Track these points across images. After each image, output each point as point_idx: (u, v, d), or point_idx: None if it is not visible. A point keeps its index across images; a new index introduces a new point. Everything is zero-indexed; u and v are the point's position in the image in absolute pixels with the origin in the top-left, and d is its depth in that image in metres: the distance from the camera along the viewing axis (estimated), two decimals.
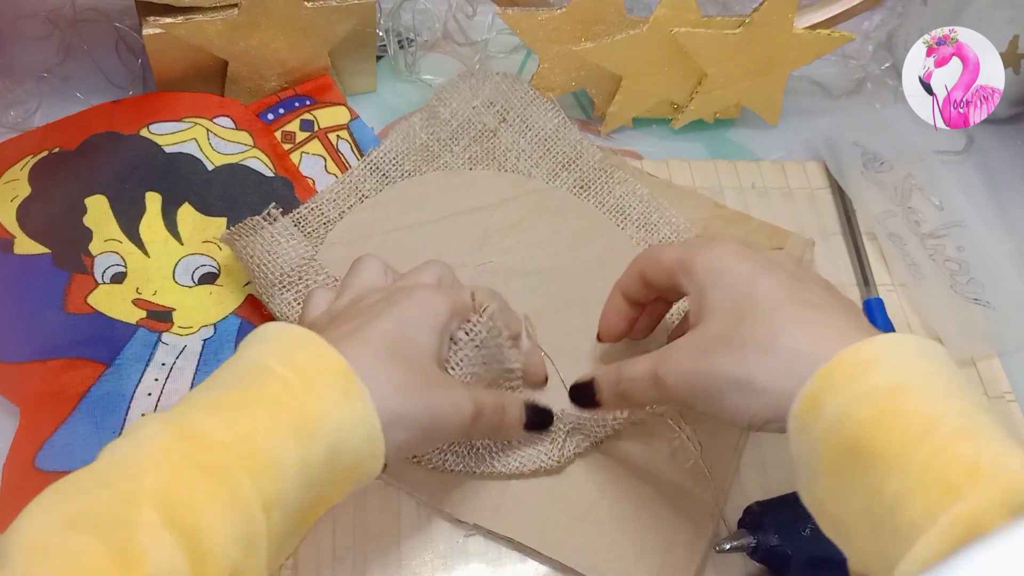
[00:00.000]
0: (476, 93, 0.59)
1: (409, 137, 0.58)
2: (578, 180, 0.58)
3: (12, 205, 0.53)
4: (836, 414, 0.34)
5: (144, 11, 0.55)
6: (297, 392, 0.35)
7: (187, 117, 0.58)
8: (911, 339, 0.36)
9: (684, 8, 0.57)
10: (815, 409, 0.35)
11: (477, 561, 0.46)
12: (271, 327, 0.38)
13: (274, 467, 0.33)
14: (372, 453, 0.36)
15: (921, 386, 0.34)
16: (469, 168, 0.58)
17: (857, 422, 0.34)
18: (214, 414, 0.34)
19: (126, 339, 0.50)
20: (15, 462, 0.46)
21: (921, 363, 0.35)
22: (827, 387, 0.35)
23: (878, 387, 0.34)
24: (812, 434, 0.35)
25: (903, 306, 0.58)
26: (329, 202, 0.56)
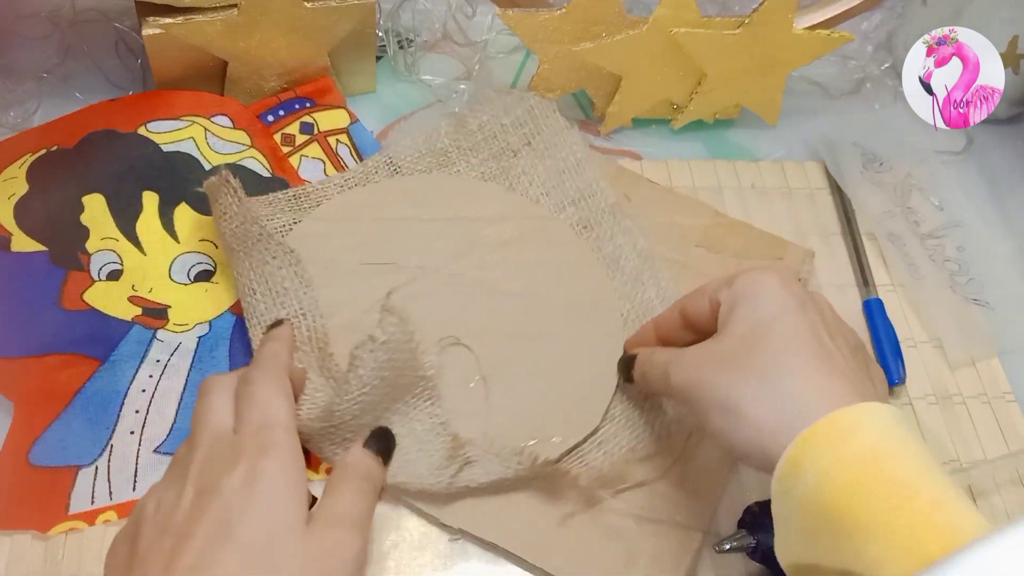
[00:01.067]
0: (508, 111, 0.59)
1: (431, 140, 0.58)
2: (583, 218, 0.57)
3: (10, 203, 0.53)
4: (815, 479, 0.35)
5: (144, 11, 0.55)
6: None
7: (185, 115, 0.58)
8: (891, 409, 0.37)
9: (684, 8, 0.57)
10: (796, 473, 0.36)
11: (476, 562, 0.46)
12: None
13: None
14: None
15: (899, 454, 0.35)
16: (480, 174, 0.58)
17: (836, 487, 0.35)
18: None
19: (121, 336, 0.50)
20: (9, 457, 0.46)
21: (898, 431, 0.36)
22: (808, 452, 0.36)
23: (857, 452, 0.35)
24: (793, 497, 0.36)
25: (903, 306, 0.58)
26: (335, 185, 0.56)
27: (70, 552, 0.44)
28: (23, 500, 0.45)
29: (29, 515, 0.45)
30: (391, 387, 0.45)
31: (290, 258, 0.49)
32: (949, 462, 0.52)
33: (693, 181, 0.62)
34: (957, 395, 0.55)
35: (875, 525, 0.33)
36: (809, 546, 0.36)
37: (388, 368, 0.44)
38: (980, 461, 0.52)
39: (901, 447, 0.35)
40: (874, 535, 0.33)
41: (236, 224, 0.50)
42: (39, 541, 0.44)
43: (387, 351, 0.44)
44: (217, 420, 0.40)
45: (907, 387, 0.54)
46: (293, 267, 0.49)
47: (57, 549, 0.44)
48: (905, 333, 0.57)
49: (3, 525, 0.44)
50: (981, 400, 0.55)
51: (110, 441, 0.47)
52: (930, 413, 0.54)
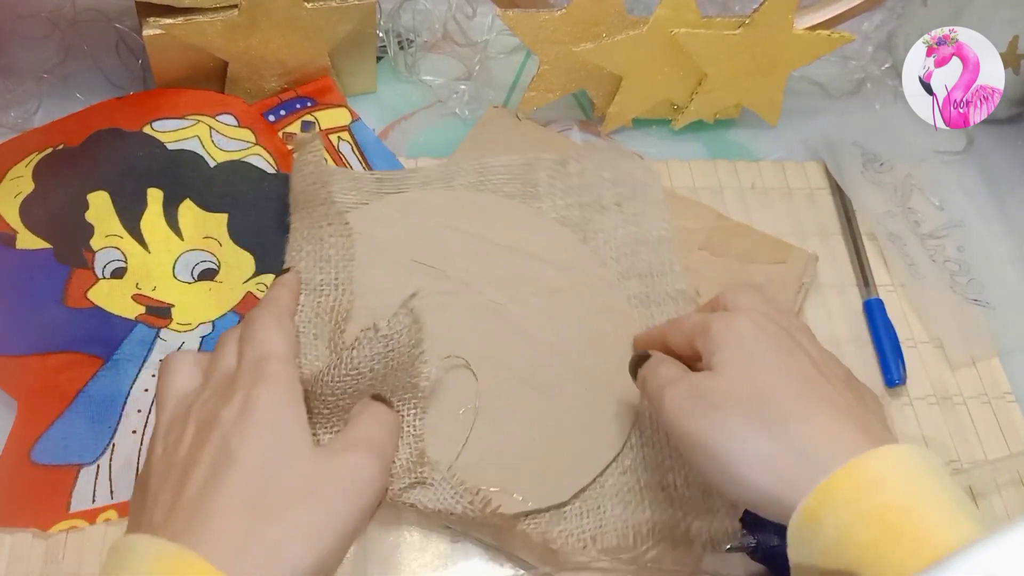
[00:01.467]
0: (613, 166, 0.58)
1: (529, 167, 0.58)
2: (644, 294, 0.54)
3: (15, 201, 0.53)
4: (836, 533, 0.34)
5: (144, 12, 0.55)
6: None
7: (190, 114, 0.58)
8: (915, 453, 0.35)
9: (684, 9, 0.57)
10: (815, 525, 0.34)
11: (478, 561, 0.46)
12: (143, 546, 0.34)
13: None
14: None
15: (922, 509, 0.34)
16: (560, 217, 0.57)
17: (858, 543, 0.33)
18: None
19: (124, 335, 0.50)
20: (11, 455, 0.46)
21: (926, 481, 0.34)
22: (827, 503, 0.34)
23: (879, 507, 0.34)
24: (812, 548, 0.35)
25: (903, 306, 0.58)
26: (420, 179, 0.57)
27: (71, 551, 0.44)
28: (24, 498, 0.45)
29: (30, 513, 0.45)
30: (379, 381, 0.44)
31: (342, 229, 0.51)
32: (949, 462, 0.52)
33: (693, 181, 0.62)
34: (957, 395, 0.55)
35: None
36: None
37: (381, 362, 0.44)
38: (980, 462, 0.52)
39: (924, 500, 0.34)
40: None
41: (308, 183, 0.52)
42: (40, 540, 0.45)
43: (386, 345, 0.43)
44: (224, 364, 0.41)
45: (907, 387, 0.55)
46: (342, 238, 0.51)
47: (58, 548, 0.44)
48: (905, 333, 0.57)
49: (4, 522, 0.45)
50: (981, 400, 0.55)
51: (112, 440, 0.47)
52: (930, 413, 0.54)
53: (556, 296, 0.53)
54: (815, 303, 0.57)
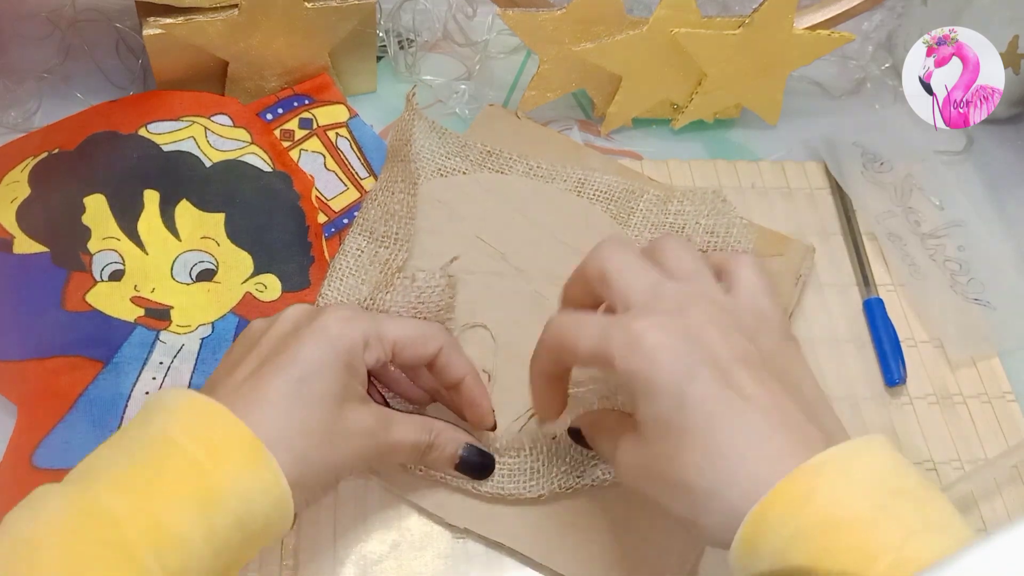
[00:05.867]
0: (712, 216, 0.56)
1: (632, 195, 0.58)
2: None
3: (12, 206, 0.53)
4: (772, 559, 0.33)
5: (144, 11, 0.55)
6: (204, 467, 0.35)
7: (185, 116, 0.58)
8: (845, 455, 0.34)
9: (684, 9, 0.57)
10: (753, 554, 0.34)
11: (478, 561, 0.46)
12: (177, 395, 0.38)
13: (179, 541, 0.34)
14: (281, 516, 0.37)
15: (853, 519, 0.33)
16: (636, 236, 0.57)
17: (795, 569, 0.33)
18: (118, 489, 0.34)
19: (124, 337, 0.50)
20: (12, 460, 0.46)
21: (854, 488, 0.33)
22: (761, 528, 0.34)
23: (812, 526, 0.33)
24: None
25: (903, 306, 0.58)
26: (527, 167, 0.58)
27: None
28: None
29: None
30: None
31: (411, 188, 0.54)
32: (949, 462, 0.52)
33: (693, 181, 0.62)
34: (957, 395, 0.55)
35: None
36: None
37: (410, 312, 0.48)
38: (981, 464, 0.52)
39: (858, 507, 0.33)
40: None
41: (398, 138, 0.57)
42: None
43: (418, 297, 0.47)
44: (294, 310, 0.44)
45: (907, 387, 0.55)
46: (409, 196, 0.54)
47: None
48: (905, 333, 0.57)
49: None
50: (981, 400, 0.55)
51: None
52: (930, 413, 0.54)
53: None
54: (815, 303, 0.57)
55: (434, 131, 0.60)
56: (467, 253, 0.55)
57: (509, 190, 0.58)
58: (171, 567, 0.33)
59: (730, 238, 0.56)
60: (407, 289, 0.47)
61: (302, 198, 0.56)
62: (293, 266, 0.54)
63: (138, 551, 0.33)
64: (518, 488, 0.46)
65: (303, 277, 0.53)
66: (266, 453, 0.36)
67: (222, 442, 0.36)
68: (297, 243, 0.55)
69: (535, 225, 0.57)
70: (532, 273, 0.55)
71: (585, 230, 0.57)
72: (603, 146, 0.64)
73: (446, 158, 0.59)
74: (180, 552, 0.34)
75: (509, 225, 0.56)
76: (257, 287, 0.53)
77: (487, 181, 0.58)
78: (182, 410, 0.37)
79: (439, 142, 0.59)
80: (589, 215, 0.58)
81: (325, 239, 0.55)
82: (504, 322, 0.52)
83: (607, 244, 0.41)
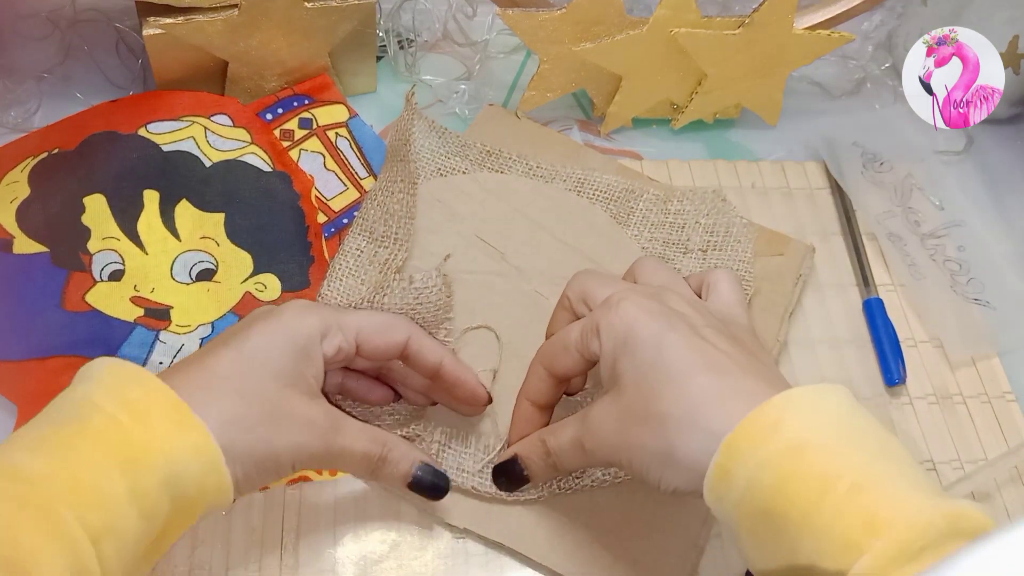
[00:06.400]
0: (712, 214, 0.57)
1: (631, 194, 0.58)
2: None
3: (12, 207, 0.53)
4: (745, 483, 0.35)
5: (144, 11, 0.55)
6: (124, 426, 0.35)
7: (185, 116, 0.58)
8: (810, 393, 0.37)
9: (684, 9, 0.57)
10: (727, 481, 0.36)
11: (477, 561, 0.46)
12: (103, 363, 0.38)
13: (99, 498, 0.33)
14: (217, 484, 0.37)
15: (817, 443, 0.35)
16: (642, 248, 0.57)
17: (764, 489, 0.35)
18: (36, 451, 0.34)
19: (124, 337, 0.50)
20: None
21: (818, 418, 0.36)
22: (734, 456, 0.36)
23: (779, 451, 0.35)
24: (727, 504, 0.36)
25: (903, 306, 0.58)
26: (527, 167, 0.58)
27: None
28: None
29: None
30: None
31: (411, 188, 0.54)
32: (949, 462, 0.52)
33: (693, 181, 0.62)
34: (957, 395, 0.55)
35: (802, 521, 0.34)
36: (757, 551, 0.36)
37: (408, 313, 0.47)
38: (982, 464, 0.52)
39: (821, 435, 0.35)
40: (803, 530, 0.34)
41: (397, 138, 0.57)
42: None
43: (416, 298, 0.47)
44: None
45: (907, 387, 0.55)
46: (408, 196, 0.54)
47: None
48: (905, 333, 0.57)
49: None
50: (981, 400, 0.55)
51: None
52: (930, 413, 0.54)
53: None
54: (815, 302, 0.57)
55: (434, 131, 0.60)
56: (467, 253, 0.55)
57: (509, 190, 0.58)
58: (93, 524, 0.32)
59: (730, 238, 0.56)
60: (405, 291, 0.47)
61: (302, 198, 0.56)
62: (293, 266, 0.54)
63: (56, 508, 0.32)
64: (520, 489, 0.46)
65: (303, 277, 0.53)
66: (192, 416, 0.36)
67: (144, 404, 0.36)
68: (297, 243, 0.55)
69: (535, 225, 0.57)
70: (532, 273, 0.55)
71: (585, 230, 0.57)
72: (603, 146, 0.64)
73: (446, 158, 0.59)
74: (102, 510, 0.33)
75: (509, 225, 0.56)
76: (257, 287, 0.53)
77: (487, 181, 0.58)
78: (105, 375, 0.37)
79: (439, 142, 0.59)
80: (589, 215, 0.58)
81: (325, 239, 0.55)
82: (504, 322, 0.52)
83: (583, 272, 0.46)
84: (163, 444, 0.35)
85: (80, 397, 0.36)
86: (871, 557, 0.32)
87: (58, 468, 0.33)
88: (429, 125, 0.60)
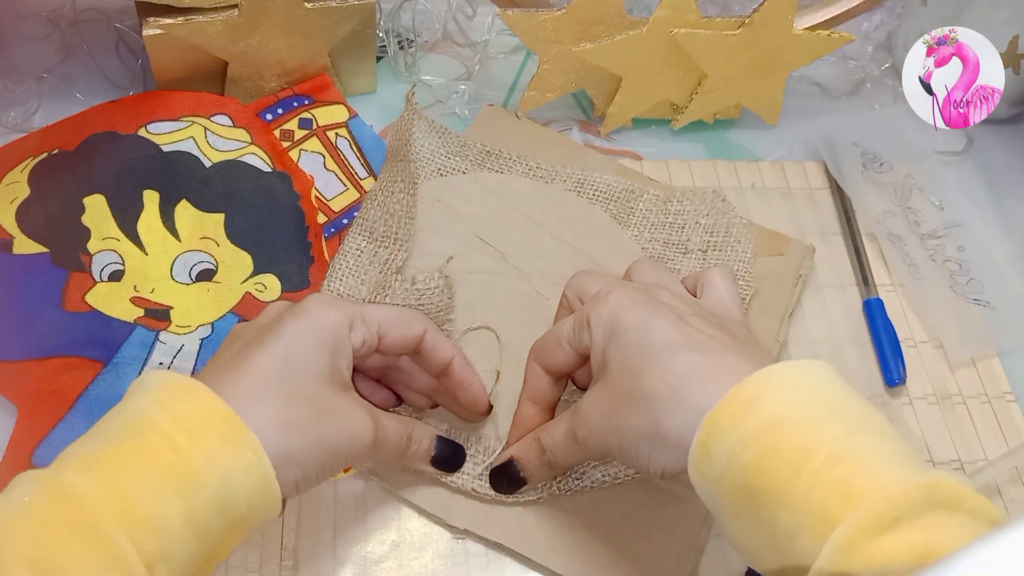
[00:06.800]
0: (712, 215, 0.57)
1: (632, 195, 0.58)
2: None
3: (12, 207, 0.53)
4: (726, 459, 0.35)
5: (144, 11, 0.55)
6: (179, 444, 0.34)
7: (185, 116, 0.58)
8: (791, 368, 0.37)
9: (684, 9, 0.57)
10: (708, 457, 0.36)
11: (477, 561, 0.46)
12: (154, 375, 0.37)
13: (155, 522, 0.33)
14: (267, 499, 0.36)
15: (795, 418, 0.35)
16: (642, 249, 0.57)
17: (744, 464, 0.35)
18: (89, 471, 0.33)
19: (124, 338, 0.50)
20: (12, 460, 0.46)
21: (796, 393, 0.36)
22: (715, 433, 0.36)
23: (758, 427, 0.35)
24: (709, 480, 0.36)
25: (903, 306, 0.58)
26: (527, 167, 0.59)
27: None
28: None
29: None
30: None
31: (411, 188, 0.54)
32: (949, 462, 0.52)
33: (693, 181, 0.62)
34: (957, 395, 0.55)
35: (781, 495, 0.34)
36: (740, 529, 0.36)
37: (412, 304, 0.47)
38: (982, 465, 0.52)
39: (799, 410, 0.35)
40: (781, 505, 0.34)
41: (398, 137, 0.57)
42: None
43: (418, 299, 0.48)
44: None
45: (907, 387, 0.55)
46: (408, 196, 0.54)
47: None
48: (905, 333, 0.57)
49: None
50: (981, 400, 0.55)
51: None
52: (930, 413, 0.54)
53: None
54: (815, 303, 0.58)
55: (434, 131, 0.60)
56: (467, 253, 0.55)
57: (509, 190, 0.58)
58: (148, 550, 0.32)
59: (729, 238, 0.56)
60: (407, 292, 0.48)
61: (302, 198, 0.56)
62: (293, 266, 0.54)
63: (110, 533, 0.31)
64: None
65: (303, 277, 0.54)
66: (246, 430, 0.35)
67: (198, 418, 0.35)
68: (297, 243, 0.55)
69: (535, 224, 0.57)
70: (530, 273, 0.55)
71: (585, 230, 0.57)
72: (603, 146, 0.64)
73: (446, 158, 0.59)
74: (157, 535, 0.32)
75: (509, 224, 0.56)
76: (257, 287, 0.53)
77: (487, 181, 0.58)
78: (158, 388, 0.36)
79: (439, 142, 0.59)
80: (589, 215, 0.58)
81: (325, 239, 0.55)
82: (504, 322, 0.52)
83: (580, 271, 0.47)
84: (217, 465, 0.34)
85: (133, 411, 0.35)
86: (845, 528, 0.32)
87: (112, 490, 0.32)
88: (429, 125, 0.60)
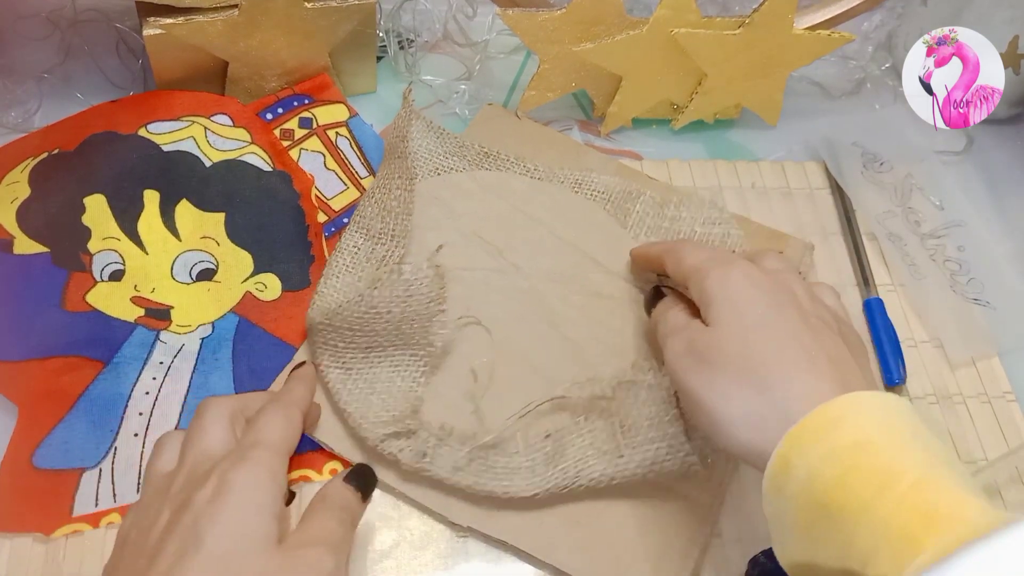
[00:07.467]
0: (708, 224, 0.57)
1: (629, 196, 0.58)
2: None
3: (12, 207, 0.53)
4: (806, 474, 0.36)
5: (144, 12, 0.55)
6: None
7: (185, 116, 0.58)
8: (876, 396, 0.37)
9: (684, 9, 0.57)
10: (787, 471, 0.36)
11: (477, 561, 0.46)
12: None
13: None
14: None
15: (882, 441, 0.35)
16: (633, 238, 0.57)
17: (824, 480, 0.35)
18: None
19: (124, 337, 0.50)
20: (13, 460, 0.46)
21: (883, 418, 0.37)
22: (796, 448, 0.36)
23: (842, 445, 0.36)
24: (785, 494, 0.36)
25: (903, 306, 0.58)
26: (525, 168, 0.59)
27: (71, 554, 0.44)
28: (27, 502, 0.45)
29: (33, 517, 0.45)
30: (393, 327, 0.47)
31: (408, 185, 0.53)
32: None
33: (693, 181, 0.62)
34: (957, 395, 0.55)
35: (861, 514, 0.34)
36: (805, 543, 0.36)
37: (400, 306, 0.47)
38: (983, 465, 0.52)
39: (886, 434, 0.36)
40: (861, 524, 0.34)
41: (395, 134, 0.57)
42: (40, 543, 0.45)
43: (406, 290, 0.47)
44: (207, 442, 0.40)
45: (907, 387, 0.55)
46: (406, 192, 0.53)
47: (58, 551, 0.45)
48: (905, 333, 0.57)
49: (7, 527, 0.45)
50: (981, 400, 0.55)
51: (114, 444, 0.47)
52: (930, 413, 0.54)
53: (599, 300, 0.54)
54: None
55: (432, 131, 0.60)
56: (465, 250, 0.55)
57: (507, 187, 0.58)
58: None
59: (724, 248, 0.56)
60: (395, 283, 0.47)
61: (302, 197, 0.56)
62: (293, 265, 0.54)
63: None
64: (513, 486, 0.46)
65: (303, 276, 0.54)
66: None
67: None
68: (297, 242, 0.55)
69: (533, 222, 0.57)
70: (528, 270, 0.55)
71: (584, 227, 0.57)
72: (603, 146, 0.64)
73: (443, 158, 0.59)
74: None
75: (507, 222, 0.56)
76: (257, 286, 0.53)
77: (485, 178, 0.58)
78: None
79: (436, 142, 0.59)
80: (588, 212, 0.58)
81: (325, 238, 0.55)
82: (501, 319, 0.52)
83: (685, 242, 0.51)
84: None
85: None
86: (930, 554, 0.31)
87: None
88: (427, 125, 0.60)
